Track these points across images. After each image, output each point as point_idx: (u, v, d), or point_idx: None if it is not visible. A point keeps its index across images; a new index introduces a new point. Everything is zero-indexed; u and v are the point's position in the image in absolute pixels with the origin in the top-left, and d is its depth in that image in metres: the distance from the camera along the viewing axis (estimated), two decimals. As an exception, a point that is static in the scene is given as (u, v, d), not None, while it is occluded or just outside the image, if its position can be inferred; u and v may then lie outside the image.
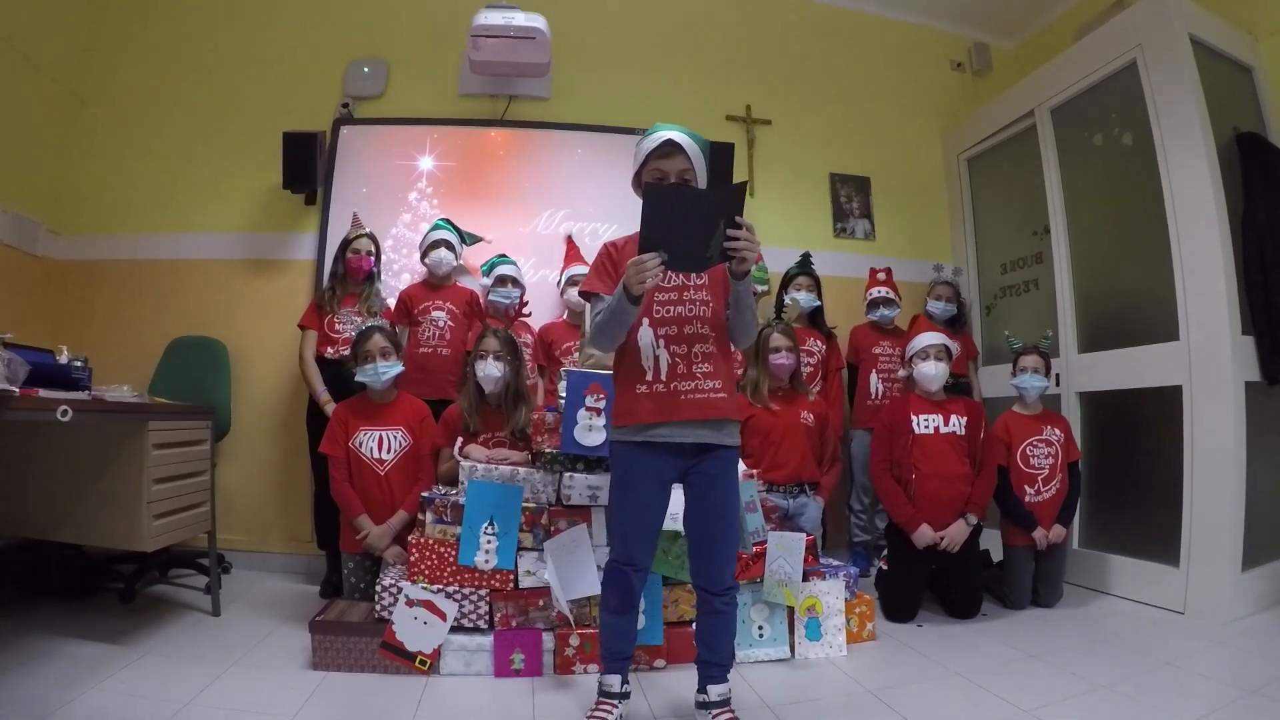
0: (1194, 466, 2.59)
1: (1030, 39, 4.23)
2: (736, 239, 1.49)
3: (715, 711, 1.65)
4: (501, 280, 2.99)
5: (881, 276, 3.40)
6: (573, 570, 2.11)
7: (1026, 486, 2.72)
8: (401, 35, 3.59)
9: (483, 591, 2.11)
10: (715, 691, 1.68)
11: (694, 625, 1.80)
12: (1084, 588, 2.93)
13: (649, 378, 1.64)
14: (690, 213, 1.48)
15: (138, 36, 3.50)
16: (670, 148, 1.66)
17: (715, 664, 1.70)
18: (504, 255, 3.13)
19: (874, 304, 3.36)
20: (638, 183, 1.72)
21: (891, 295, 3.35)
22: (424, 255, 3.03)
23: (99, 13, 3.45)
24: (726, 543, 1.68)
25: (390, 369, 2.48)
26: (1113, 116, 3.05)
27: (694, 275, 1.67)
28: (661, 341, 1.65)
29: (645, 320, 1.65)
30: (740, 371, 2.98)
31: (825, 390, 3.21)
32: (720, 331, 1.69)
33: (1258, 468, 2.54)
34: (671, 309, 1.66)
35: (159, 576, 2.89)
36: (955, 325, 3.44)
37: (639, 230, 1.49)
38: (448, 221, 3.13)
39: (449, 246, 3.03)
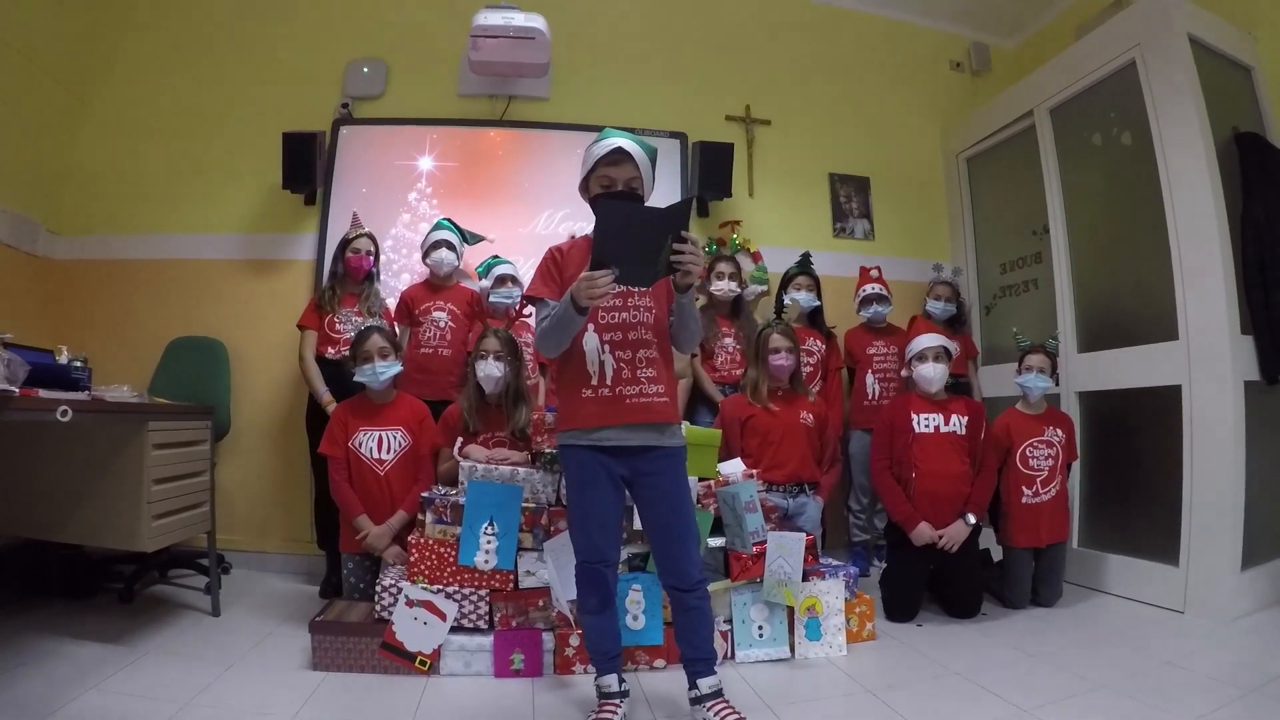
0: (1193, 466, 2.59)
1: (1029, 39, 4.23)
2: (682, 253, 1.51)
3: (710, 703, 1.66)
4: (501, 280, 2.98)
5: (875, 274, 3.41)
6: (572, 570, 2.10)
7: (1025, 488, 2.71)
8: (401, 36, 3.59)
9: (482, 592, 2.12)
10: (705, 684, 1.68)
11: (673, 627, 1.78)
12: (1083, 587, 2.93)
13: (594, 382, 1.67)
14: (642, 228, 1.52)
15: (138, 37, 3.50)
16: (620, 155, 1.68)
17: (699, 659, 1.71)
18: (497, 256, 3.12)
19: (867, 300, 3.36)
20: (585, 188, 1.75)
21: (885, 292, 3.35)
22: (425, 255, 3.03)
23: (100, 13, 3.45)
24: (688, 539, 1.70)
25: (389, 369, 2.48)
26: (1112, 116, 3.05)
27: None
28: (607, 347, 1.67)
29: (590, 326, 1.68)
30: (739, 372, 3.00)
31: (825, 390, 3.21)
32: (663, 337, 1.73)
33: (1257, 467, 2.54)
34: (616, 315, 1.69)
35: (159, 577, 2.89)
36: (954, 325, 3.44)
37: (591, 243, 1.53)
38: (450, 221, 3.13)
39: (450, 247, 3.03)
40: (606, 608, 1.74)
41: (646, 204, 1.72)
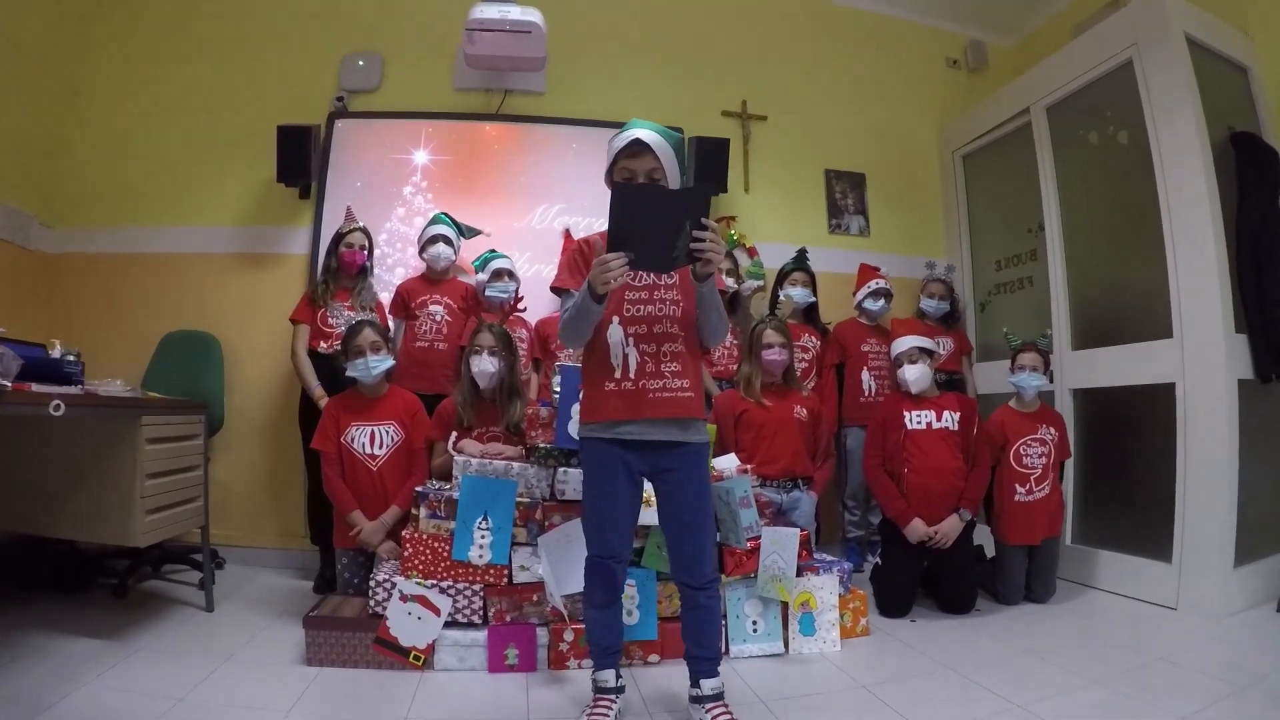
0: (1187, 464, 2.60)
1: (1026, 37, 4.23)
2: (701, 240, 1.49)
3: (709, 705, 1.65)
4: (497, 274, 2.98)
5: (884, 270, 3.42)
6: (567, 565, 2.10)
7: (1018, 486, 2.71)
8: (397, 29, 3.58)
9: (477, 587, 2.11)
10: (708, 685, 1.68)
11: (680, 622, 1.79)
12: (1077, 583, 2.94)
13: (618, 375, 1.64)
14: (657, 213, 1.49)
15: (132, 28, 3.47)
16: (639, 147, 1.65)
17: (705, 658, 1.70)
18: (494, 250, 3.11)
19: (877, 294, 3.35)
20: (610, 180, 1.73)
21: (890, 288, 3.36)
22: (422, 250, 3.02)
23: (93, 4, 3.42)
24: (703, 537, 1.69)
25: (381, 363, 2.47)
26: (1108, 115, 3.05)
27: (664, 275, 1.67)
28: (631, 340, 1.65)
29: (615, 319, 1.65)
30: (735, 367, 3.00)
31: (819, 386, 3.21)
32: (690, 331, 1.70)
33: (1250, 465, 2.55)
34: (642, 308, 1.67)
35: (152, 572, 2.88)
36: (948, 321, 3.45)
37: (607, 227, 1.50)
38: (446, 215, 3.11)
39: (447, 241, 3.02)
40: (613, 603, 1.73)
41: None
